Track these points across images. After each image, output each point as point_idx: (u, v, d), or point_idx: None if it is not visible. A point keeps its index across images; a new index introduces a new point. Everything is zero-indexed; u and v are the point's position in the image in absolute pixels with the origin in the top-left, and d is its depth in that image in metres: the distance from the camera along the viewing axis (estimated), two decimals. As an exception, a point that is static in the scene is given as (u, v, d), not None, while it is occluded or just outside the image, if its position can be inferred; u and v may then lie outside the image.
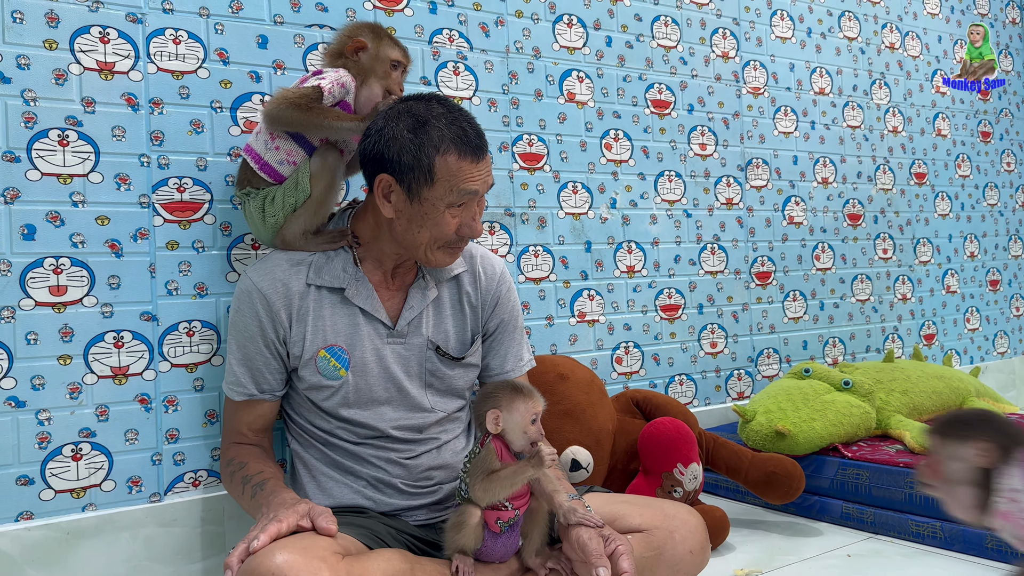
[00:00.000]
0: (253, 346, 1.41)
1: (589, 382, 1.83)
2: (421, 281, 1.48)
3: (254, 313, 1.39)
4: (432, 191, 1.34)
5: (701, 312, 2.33)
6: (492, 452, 1.24)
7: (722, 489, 2.08)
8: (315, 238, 1.44)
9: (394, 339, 1.44)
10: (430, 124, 1.33)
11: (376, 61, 1.45)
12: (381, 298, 1.44)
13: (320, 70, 1.45)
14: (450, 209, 1.36)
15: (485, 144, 1.38)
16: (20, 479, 1.41)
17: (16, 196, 1.41)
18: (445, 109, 1.36)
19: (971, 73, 2.77)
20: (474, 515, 1.24)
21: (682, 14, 2.32)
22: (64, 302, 1.45)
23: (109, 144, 1.49)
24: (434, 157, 1.32)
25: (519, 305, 1.60)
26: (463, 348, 1.51)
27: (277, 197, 1.43)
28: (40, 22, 1.44)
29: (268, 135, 1.43)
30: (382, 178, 1.36)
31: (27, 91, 1.42)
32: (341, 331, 1.41)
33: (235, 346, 1.42)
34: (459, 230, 1.38)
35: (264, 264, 1.43)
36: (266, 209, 1.44)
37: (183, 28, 1.56)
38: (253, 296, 1.39)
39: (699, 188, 2.34)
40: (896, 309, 2.83)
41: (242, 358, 1.42)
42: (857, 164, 2.73)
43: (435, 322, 1.48)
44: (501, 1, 1.99)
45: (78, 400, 1.45)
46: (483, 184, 1.37)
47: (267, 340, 1.40)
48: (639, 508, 1.38)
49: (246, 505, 1.35)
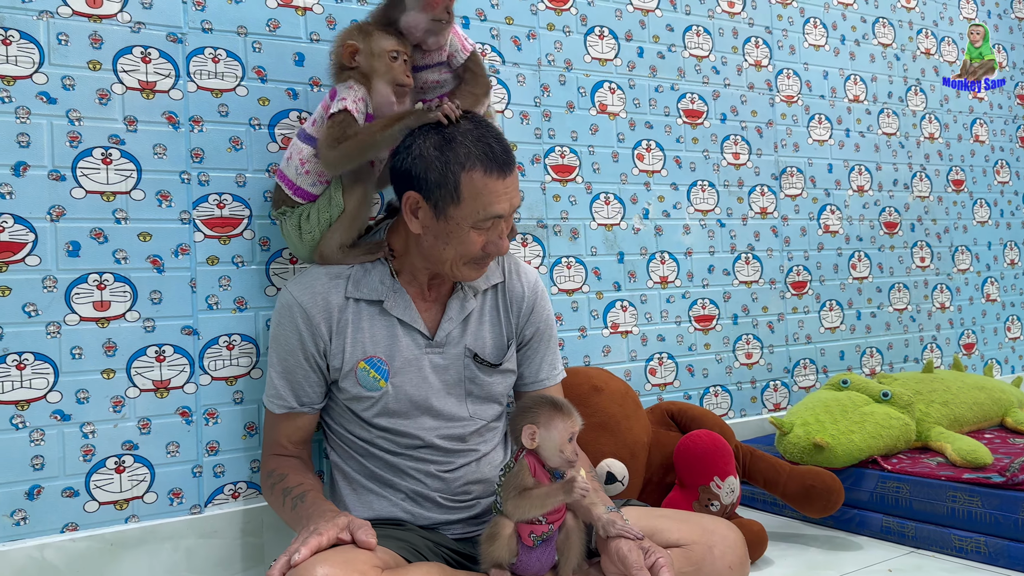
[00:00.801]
0: (293, 359, 1.42)
1: (624, 394, 1.83)
2: (460, 292, 1.49)
3: (295, 327, 1.41)
4: (458, 210, 1.35)
5: (736, 323, 2.31)
6: (525, 468, 1.25)
7: (759, 502, 2.06)
8: (352, 251, 1.46)
9: (432, 349, 1.46)
10: (456, 141, 1.34)
11: (373, 58, 1.42)
12: (419, 309, 1.46)
13: (333, 90, 1.45)
14: (475, 230, 1.37)
15: (512, 160, 1.38)
16: (66, 491, 1.43)
17: (61, 214, 1.44)
18: (473, 125, 1.37)
19: (971, 73, 2.74)
20: (507, 527, 1.25)
21: (714, 24, 2.32)
22: (107, 317, 1.47)
23: (151, 162, 1.52)
24: (460, 174, 1.33)
25: (553, 315, 1.61)
26: (500, 354, 1.52)
27: (312, 214, 1.45)
28: (84, 43, 1.47)
29: (298, 161, 1.45)
30: (410, 195, 1.37)
31: (72, 111, 1.46)
32: (380, 342, 1.43)
33: (276, 359, 1.44)
34: (485, 247, 1.39)
35: (304, 278, 1.45)
36: (302, 226, 1.46)
37: (222, 47, 1.59)
38: (294, 310, 1.41)
39: (733, 197, 2.32)
40: (935, 318, 2.79)
41: (283, 371, 1.43)
42: (893, 171, 2.70)
43: (473, 330, 1.49)
44: (533, 15, 2.00)
45: (121, 413, 1.48)
46: (508, 205, 1.37)
47: (307, 353, 1.42)
48: (677, 523, 1.38)
49: (286, 517, 1.37)
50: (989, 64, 2.72)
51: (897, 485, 1.81)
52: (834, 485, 1.75)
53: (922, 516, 1.76)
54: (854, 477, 1.88)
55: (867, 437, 1.90)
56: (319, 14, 1.69)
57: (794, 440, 1.90)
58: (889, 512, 1.82)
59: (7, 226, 1.40)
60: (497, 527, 1.25)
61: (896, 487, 1.81)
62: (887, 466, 1.87)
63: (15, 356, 1.40)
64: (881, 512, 1.83)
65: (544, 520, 1.24)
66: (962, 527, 1.69)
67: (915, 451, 2.01)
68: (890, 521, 1.81)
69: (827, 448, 1.86)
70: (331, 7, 1.71)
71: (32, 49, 1.43)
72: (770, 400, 2.38)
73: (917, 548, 1.75)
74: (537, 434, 1.24)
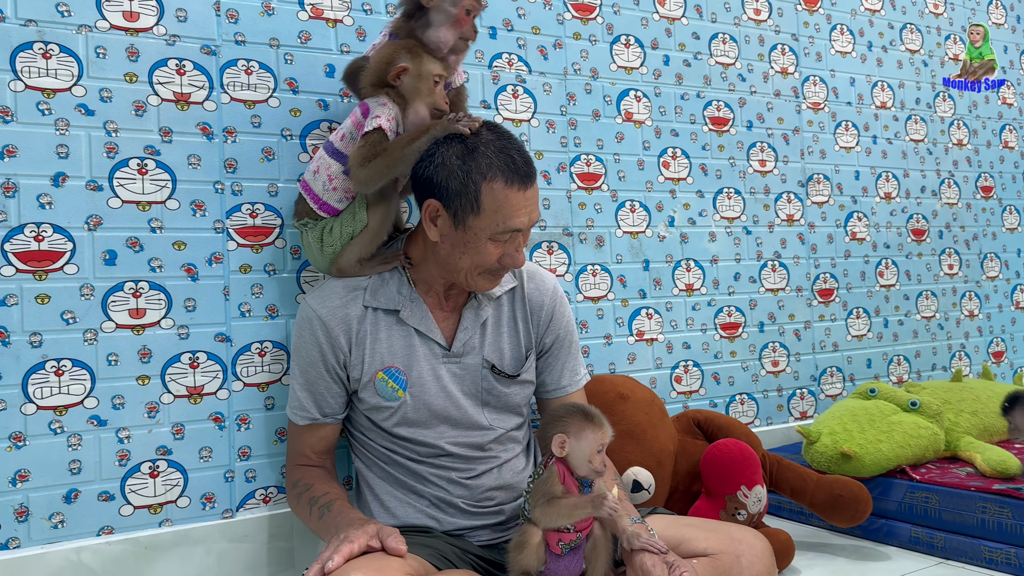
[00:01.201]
0: (315, 372, 1.44)
1: (649, 402, 1.83)
2: (473, 301, 1.50)
3: (315, 340, 1.43)
4: (477, 221, 1.35)
5: (762, 330, 2.31)
6: (554, 475, 1.26)
7: (786, 511, 2.05)
8: (369, 263, 1.47)
9: (450, 359, 1.47)
10: (479, 151, 1.35)
11: (419, 80, 1.42)
12: (436, 319, 1.47)
13: (364, 106, 1.45)
14: (493, 242, 1.37)
15: (533, 172, 1.39)
16: (101, 495, 1.46)
17: (98, 223, 1.47)
18: (495, 136, 1.38)
19: (971, 73, 2.71)
20: (535, 535, 1.26)
21: (740, 31, 2.32)
22: (143, 324, 1.50)
23: (185, 172, 1.55)
24: (480, 184, 1.34)
25: (573, 320, 1.61)
26: (518, 365, 1.52)
27: (335, 228, 1.46)
28: (121, 56, 1.50)
29: (326, 177, 1.46)
30: (430, 203, 1.38)
31: (109, 122, 1.49)
32: (398, 352, 1.44)
33: (298, 372, 1.46)
34: (501, 259, 1.40)
35: (322, 291, 1.47)
36: (324, 239, 1.47)
37: (255, 59, 1.62)
38: (313, 323, 1.43)
39: (759, 205, 2.32)
40: (963, 326, 2.77)
41: (305, 383, 1.45)
42: (921, 178, 2.68)
43: (490, 340, 1.50)
44: (559, 24, 2.01)
45: (155, 419, 1.51)
46: (527, 219, 1.38)
47: (328, 365, 1.44)
48: (704, 532, 1.38)
49: (313, 526, 1.38)
50: (989, 64, 2.70)
51: (926, 495, 1.80)
52: (862, 495, 1.74)
53: (952, 527, 1.75)
54: (882, 487, 1.87)
55: (895, 447, 1.89)
56: (349, 26, 1.72)
57: (821, 449, 1.90)
58: (918, 522, 1.81)
59: (46, 235, 1.43)
60: (526, 535, 1.26)
61: (925, 497, 1.80)
62: (915, 476, 1.86)
63: (54, 362, 1.43)
64: (910, 522, 1.82)
65: (572, 528, 1.25)
66: (993, 538, 1.68)
67: (944, 461, 2.00)
68: (919, 531, 1.79)
69: (855, 457, 1.85)
70: (361, 19, 1.73)
71: (71, 62, 1.46)
72: (796, 408, 2.37)
73: (947, 559, 1.74)
74: (567, 443, 1.25)
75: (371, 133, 1.39)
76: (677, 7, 2.20)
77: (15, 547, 1.39)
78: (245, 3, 1.61)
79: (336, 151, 1.46)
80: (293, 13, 1.66)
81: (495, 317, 1.51)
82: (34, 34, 1.43)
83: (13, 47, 1.42)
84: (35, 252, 1.42)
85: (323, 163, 1.48)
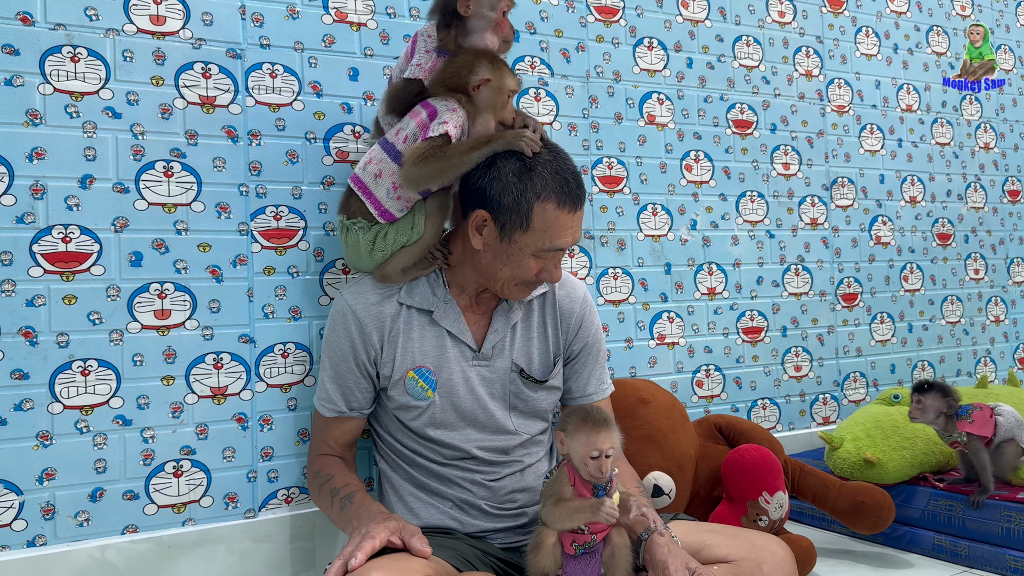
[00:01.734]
0: (345, 365, 1.45)
1: (670, 406, 1.83)
2: (504, 304, 1.50)
3: (347, 334, 1.44)
4: (524, 236, 1.37)
5: (785, 335, 2.29)
6: (564, 476, 1.26)
7: (807, 517, 2.04)
8: (411, 270, 1.47)
9: (479, 362, 1.47)
10: (535, 171, 1.37)
11: (497, 94, 1.42)
12: (467, 321, 1.47)
13: (431, 108, 1.42)
14: (536, 258, 1.39)
15: (583, 195, 1.42)
16: (126, 494, 1.48)
17: (125, 225, 1.49)
18: (552, 157, 1.39)
19: (971, 73, 2.68)
20: (550, 537, 1.26)
21: (764, 34, 2.30)
22: (168, 325, 1.52)
23: (210, 174, 1.56)
24: (534, 203, 1.36)
25: (601, 329, 1.61)
26: (546, 371, 1.53)
27: (390, 234, 1.45)
28: (148, 60, 1.52)
29: (390, 184, 1.43)
30: (479, 213, 1.39)
31: (136, 125, 1.51)
32: (429, 353, 1.45)
33: (328, 364, 1.47)
34: (539, 274, 1.42)
35: (358, 287, 1.48)
36: (376, 243, 1.45)
37: (279, 62, 1.63)
38: (348, 318, 1.44)
39: (782, 208, 2.31)
40: (989, 331, 2.73)
41: (334, 376, 1.46)
42: (947, 182, 2.66)
43: (520, 345, 1.50)
44: (582, 27, 2.01)
45: (180, 419, 1.52)
46: (572, 239, 1.41)
47: (359, 360, 1.45)
48: (726, 538, 1.37)
49: (334, 516, 1.40)
50: (989, 64, 2.66)
51: (949, 503, 1.78)
52: (885, 501, 1.73)
53: (975, 535, 1.73)
54: (905, 494, 1.86)
55: (918, 453, 1.87)
56: (373, 29, 1.73)
57: (844, 455, 1.88)
58: (941, 530, 1.79)
59: (74, 237, 1.45)
60: (541, 536, 1.26)
61: (949, 505, 1.78)
62: (939, 483, 1.84)
63: (80, 362, 1.45)
64: (933, 530, 1.80)
65: (587, 530, 1.25)
66: (1017, 547, 1.66)
67: (969, 468, 1.97)
68: (942, 539, 1.78)
69: (878, 464, 1.84)
70: (385, 23, 1.74)
71: (99, 66, 1.48)
72: (819, 414, 2.35)
73: (970, 567, 1.72)
74: (565, 442, 1.25)
75: (436, 138, 1.38)
76: (701, 10, 2.19)
77: (42, 544, 1.41)
78: (270, 7, 1.63)
79: (398, 154, 1.42)
80: (317, 17, 1.67)
81: (525, 322, 1.52)
82: (63, 38, 1.45)
83: (42, 51, 1.44)
84: (62, 253, 1.44)
85: (385, 167, 1.44)
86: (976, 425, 1.70)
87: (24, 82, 1.42)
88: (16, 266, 1.41)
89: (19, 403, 1.40)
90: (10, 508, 1.40)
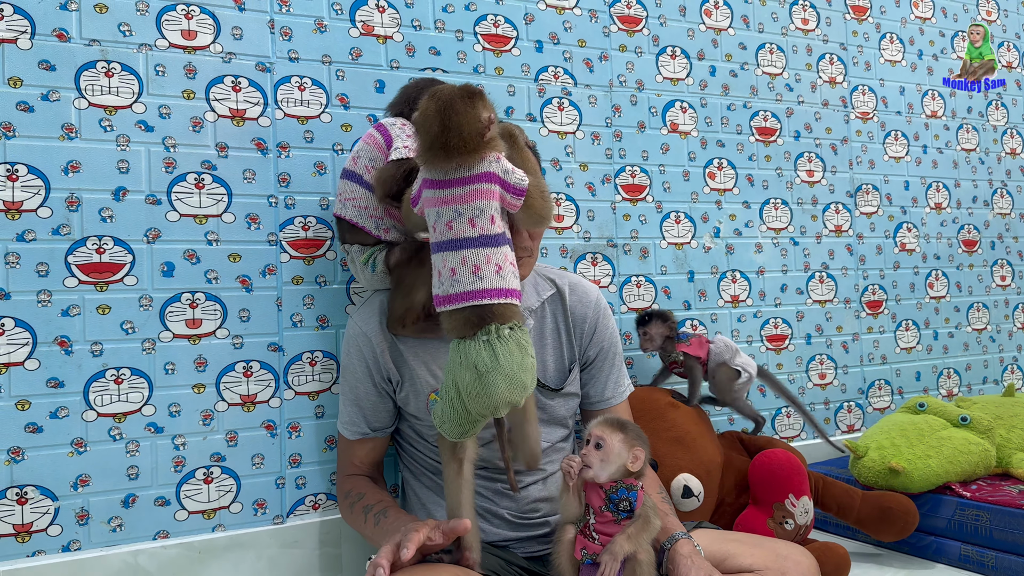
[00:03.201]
0: (363, 388, 1.47)
1: (698, 414, 1.84)
2: None
3: (361, 356, 1.46)
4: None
5: (809, 342, 2.29)
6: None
7: (832, 525, 2.03)
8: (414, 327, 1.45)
9: None
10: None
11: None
12: None
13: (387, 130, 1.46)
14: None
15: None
16: (158, 500, 1.51)
17: (157, 236, 1.52)
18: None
19: (971, 73, 2.65)
20: (567, 532, 1.27)
21: (787, 41, 2.30)
22: (199, 334, 1.55)
23: (240, 186, 1.59)
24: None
25: (616, 331, 1.61)
26: (561, 378, 1.53)
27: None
28: (179, 74, 1.55)
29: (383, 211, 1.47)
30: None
31: (168, 138, 1.54)
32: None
33: (347, 388, 1.49)
34: None
35: (368, 308, 1.49)
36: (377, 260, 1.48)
37: (307, 75, 1.66)
38: (359, 340, 1.46)
39: (806, 215, 2.30)
40: (1015, 339, 2.71)
41: (354, 399, 1.48)
42: (972, 188, 2.64)
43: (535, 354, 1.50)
44: (605, 37, 2.02)
45: (210, 426, 1.55)
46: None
47: (375, 381, 1.46)
48: (750, 547, 1.37)
49: (368, 532, 1.40)
50: (989, 64, 2.64)
51: (976, 513, 1.77)
52: (910, 507, 1.73)
53: (1003, 546, 1.72)
54: (931, 503, 1.85)
55: (944, 462, 1.86)
56: (399, 42, 1.75)
57: (869, 464, 1.88)
58: (968, 540, 1.78)
59: (107, 248, 1.48)
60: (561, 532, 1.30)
61: (976, 515, 1.77)
62: (965, 493, 1.83)
63: (113, 371, 1.48)
64: (960, 540, 1.79)
65: (598, 538, 1.25)
66: (1046, 558, 1.65)
67: (995, 478, 1.96)
68: (969, 550, 1.77)
69: (903, 473, 1.83)
70: (410, 35, 1.76)
71: (132, 80, 1.51)
72: (844, 422, 2.34)
73: (998, 578, 1.71)
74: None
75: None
76: (724, 18, 2.20)
77: (76, 549, 1.44)
78: (298, 21, 1.65)
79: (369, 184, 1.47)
80: (345, 30, 1.69)
81: (538, 330, 1.52)
82: (97, 53, 1.49)
83: (78, 66, 1.47)
84: (97, 264, 1.47)
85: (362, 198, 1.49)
86: (692, 347, 1.87)
87: (60, 97, 1.46)
88: (52, 277, 1.44)
89: (55, 411, 1.44)
90: (46, 514, 1.43)
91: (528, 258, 1.43)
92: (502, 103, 1.86)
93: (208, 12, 1.58)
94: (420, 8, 1.78)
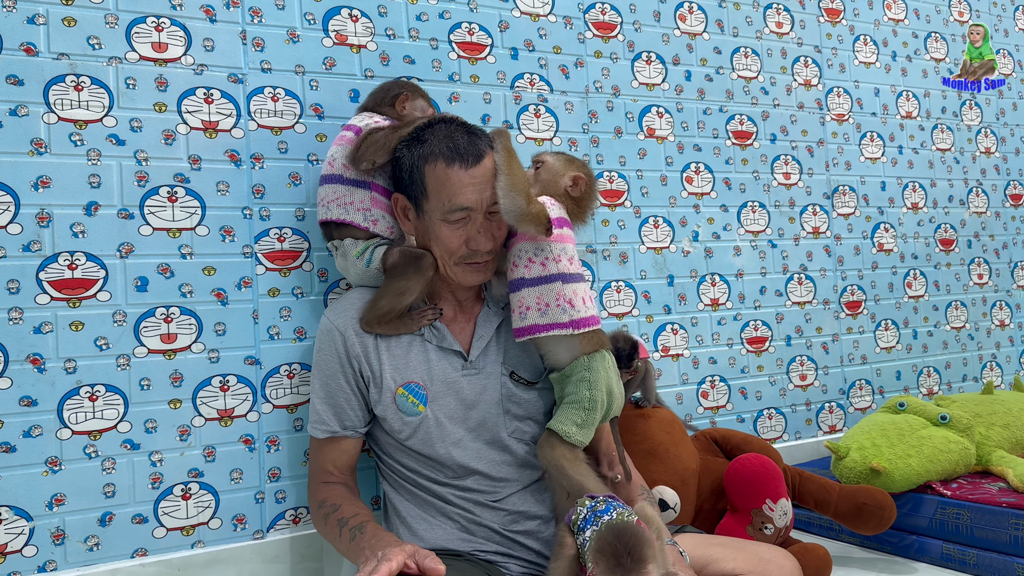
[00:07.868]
0: (335, 383, 1.46)
1: (671, 421, 1.83)
2: (487, 309, 1.51)
3: (334, 350, 1.45)
4: (428, 204, 1.42)
5: (789, 344, 2.30)
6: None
7: (814, 526, 2.04)
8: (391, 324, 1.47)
9: (468, 370, 1.47)
10: (424, 140, 1.43)
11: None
12: (453, 331, 1.48)
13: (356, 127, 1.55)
14: (447, 224, 1.41)
15: (480, 151, 1.41)
16: (135, 518, 1.49)
17: (130, 251, 1.50)
18: (445, 126, 1.44)
19: (971, 73, 2.69)
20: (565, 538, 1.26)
21: (762, 44, 2.31)
22: (174, 349, 1.53)
23: (214, 198, 1.58)
24: (424, 167, 1.41)
25: None
26: (537, 373, 1.53)
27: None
28: (150, 87, 1.54)
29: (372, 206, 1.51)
30: (396, 197, 1.48)
31: (139, 152, 1.52)
32: (417, 367, 1.45)
33: (318, 384, 1.48)
34: (468, 244, 1.43)
35: (341, 303, 1.49)
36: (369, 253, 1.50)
37: (280, 86, 1.65)
38: (333, 334, 1.45)
39: (784, 218, 2.31)
40: (994, 336, 2.73)
41: (325, 396, 1.47)
42: (948, 188, 2.66)
43: (508, 347, 1.50)
44: (580, 43, 2.02)
45: (187, 442, 1.53)
46: (476, 197, 1.40)
47: (347, 376, 1.45)
48: (733, 551, 1.37)
49: (343, 547, 1.38)
50: (989, 64, 2.68)
51: (957, 511, 1.78)
52: (886, 501, 1.73)
53: (984, 544, 1.73)
54: (912, 502, 1.86)
55: (925, 461, 1.87)
56: (373, 51, 1.74)
57: (850, 464, 1.88)
58: (949, 539, 1.79)
59: (80, 263, 1.46)
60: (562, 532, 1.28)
61: (956, 513, 1.78)
62: (946, 492, 1.84)
63: (88, 388, 1.46)
64: (941, 539, 1.80)
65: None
66: (1026, 555, 1.66)
67: (975, 476, 1.97)
68: (951, 548, 1.77)
69: (884, 473, 1.84)
70: (384, 44, 1.76)
71: (102, 94, 1.50)
72: (825, 422, 2.35)
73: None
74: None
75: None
76: (698, 22, 2.21)
77: (52, 570, 1.42)
78: (271, 31, 1.64)
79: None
80: (318, 40, 1.69)
81: (508, 324, 1.51)
82: (66, 67, 1.47)
83: (46, 80, 1.46)
84: (69, 280, 1.46)
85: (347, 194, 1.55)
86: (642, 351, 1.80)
87: (29, 112, 1.44)
88: (23, 294, 1.42)
89: (28, 430, 1.42)
90: (20, 534, 1.41)
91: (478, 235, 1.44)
92: (478, 111, 1.86)
93: (179, 24, 1.56)
94: (394, 17, 1.77)
